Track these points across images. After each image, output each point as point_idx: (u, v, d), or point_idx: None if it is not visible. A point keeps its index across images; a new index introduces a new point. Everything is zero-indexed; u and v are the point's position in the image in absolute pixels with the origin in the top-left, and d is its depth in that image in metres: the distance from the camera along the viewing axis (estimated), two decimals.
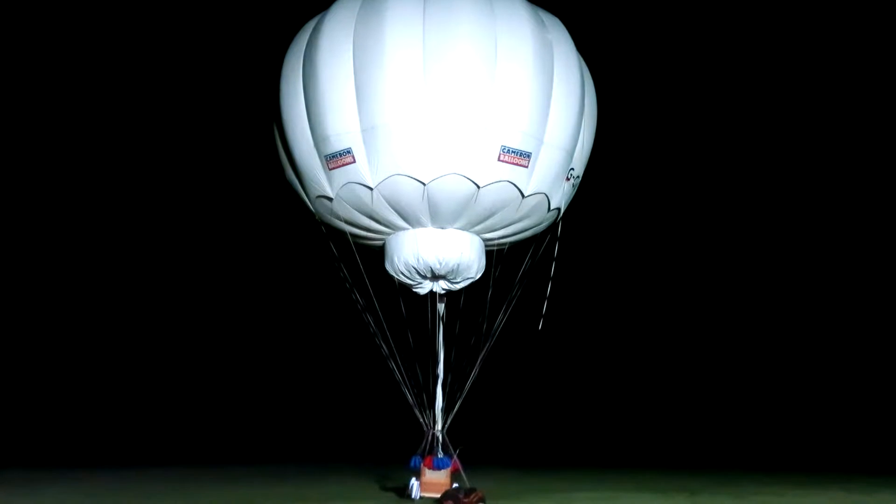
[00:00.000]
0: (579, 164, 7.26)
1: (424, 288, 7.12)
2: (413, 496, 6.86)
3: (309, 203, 7.14)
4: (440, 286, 7.10)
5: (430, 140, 6.32)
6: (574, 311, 11.18)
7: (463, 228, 6.86)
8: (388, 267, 7.07)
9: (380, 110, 6.36)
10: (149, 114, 13.97)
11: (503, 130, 6.38)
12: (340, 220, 6.97)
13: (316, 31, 6.91)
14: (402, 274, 7.00)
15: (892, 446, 12.55)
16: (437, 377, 7.08)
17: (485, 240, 7.17)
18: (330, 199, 6.74)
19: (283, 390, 15.61)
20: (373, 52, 6.43)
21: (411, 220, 6.81)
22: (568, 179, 7.11)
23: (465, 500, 6.32)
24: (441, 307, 7.28)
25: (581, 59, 7.25)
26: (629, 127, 11.01)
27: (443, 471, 6.85)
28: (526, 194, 6.64)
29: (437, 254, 6.77)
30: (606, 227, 11.43)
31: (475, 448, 7.25)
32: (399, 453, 7.30)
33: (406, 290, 7.15)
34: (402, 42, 6.41)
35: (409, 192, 6.48)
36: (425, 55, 6.32)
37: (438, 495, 6.60)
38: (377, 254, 7.19)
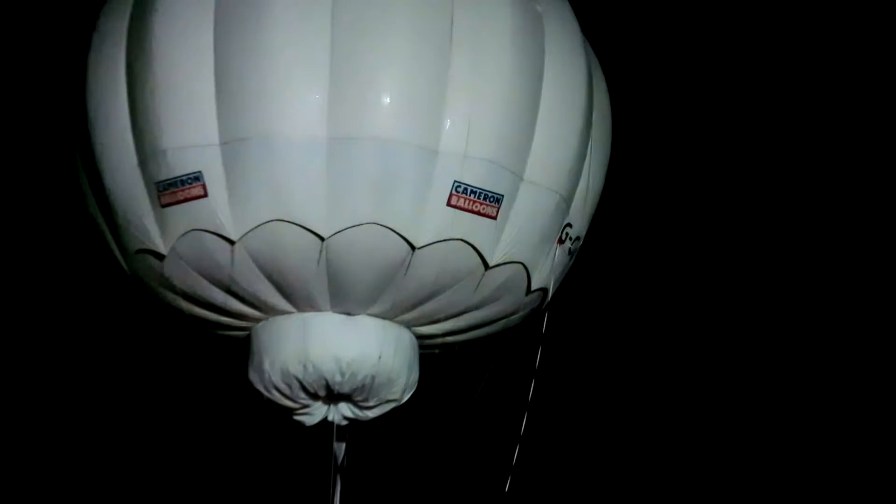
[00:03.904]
0: (581, 217, 6.33)
1: (314, 415, 6.00)
2: None
3: (122, 259, 5.97)
4: (341, 413, 6.03)
5: (337, 167, 5.38)
6: (561, 461, 9.57)
7: (384, 316, 5.91)
8: (253, 377, 5.89)
9: (254, 114, 5.40)
10: None
11: (457, 157, 5.49)
12: (176, 294, 5.85)
13: None
14: (277, 389, 5.81)
15: None
16: None
17: (420, 336, 6.16)
18: (160, 255, 5.64)
19: None
20: (248, 20, 5.52)
21: (297, 300, 5.78)
22: (562, 242, 6.19)
23: None
24: (341, 449, 6.24)
25: (588, 47, 6.34)
26: (662, 154, 9.61)
27: None
28: (492, 263, 5.72)
29: (337, 357, 5.76)
30: (621, 321, 9.81)
31: None
32: None
33: (283, 415, 6.00)
34: (298, 7, 5.51)
35: (296, 252, 5.53)
36: (335, 29, 5.45)
37: None
38: (237, 351, 6.04)
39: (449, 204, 5.44)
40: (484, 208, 5.53)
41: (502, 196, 5.57)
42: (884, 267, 11.10)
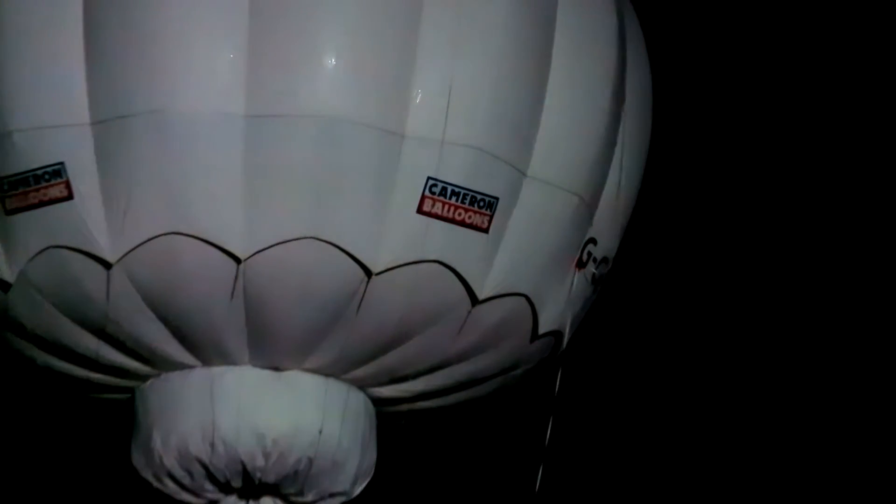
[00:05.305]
0: (610, 230, 5.40)
1: None
2: None
3: None
4: None
5: (259, 156, 4.52)
6: None
7: (327, 372, 4.94)
8: (137, 459, 4.86)
9: (141, 80, 4.56)
10: None
11: (432, 143, 4.64)
12: (27, 339, 4.91)
13: None
14: (172, 477, 4.76)
15: None
16: None
17: (380, 401, 5.16)
18: (4, 284, 4.75)
19: None
20: None
21: (202, 348, 4.82)
22: (583, 265, 5.26)
23: None
24: None
25: None
26: (722, 141, 8.61)
27: None
28: (482, 295, 4.80)
29: (259, 431, 4.77)
30: (664, 379, 8.53)
31: None
32: None
33: None
34: None
35: (200, 280, 4.62)
36: None
37: None
38: (118, 421, 4.99)
39: (421, 210, 4.55)
40: (471, 216, 4.62)
41: (497, 199, 4.65)
42: None
